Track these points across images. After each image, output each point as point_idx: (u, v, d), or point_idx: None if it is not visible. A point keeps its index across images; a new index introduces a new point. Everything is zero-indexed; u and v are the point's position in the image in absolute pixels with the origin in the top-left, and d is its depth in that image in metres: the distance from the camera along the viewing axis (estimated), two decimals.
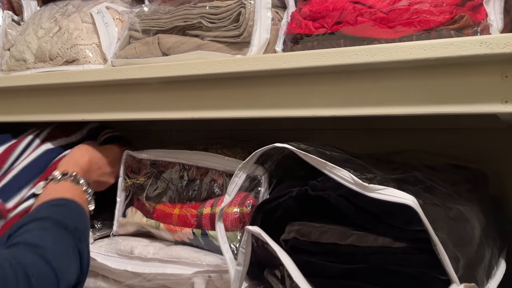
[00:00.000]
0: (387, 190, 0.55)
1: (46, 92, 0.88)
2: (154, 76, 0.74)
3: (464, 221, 0.60)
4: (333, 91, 0.64)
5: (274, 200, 0.65)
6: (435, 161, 0.79)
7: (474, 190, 0.73)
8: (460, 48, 0.54)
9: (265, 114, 0.69)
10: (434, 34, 0.59)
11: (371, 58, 0.58)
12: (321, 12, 0.68)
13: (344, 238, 0.59)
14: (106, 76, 0.79)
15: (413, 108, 0.59)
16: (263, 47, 0.73)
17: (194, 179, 0.83)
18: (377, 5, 0.63)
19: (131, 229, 0.89)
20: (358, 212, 0.58)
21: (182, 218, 0.81)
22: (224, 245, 0.68)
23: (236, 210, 0.74)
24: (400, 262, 0.55)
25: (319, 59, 0.62)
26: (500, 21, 0.61)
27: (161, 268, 0.77)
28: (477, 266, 0.59)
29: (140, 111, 0.79)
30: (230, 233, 0.73)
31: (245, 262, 0.64)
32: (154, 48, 0.79)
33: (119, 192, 0.92)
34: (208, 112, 0.73)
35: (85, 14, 0.91)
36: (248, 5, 0.72)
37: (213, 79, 0.72)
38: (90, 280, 0.85)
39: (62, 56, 0.89)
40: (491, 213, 0.72)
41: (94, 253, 0.83)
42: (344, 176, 0.57)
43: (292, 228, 0.63)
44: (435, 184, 0.66)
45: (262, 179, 0.73)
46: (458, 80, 0.56)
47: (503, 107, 0.54)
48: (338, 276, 0.58)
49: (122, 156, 0.91)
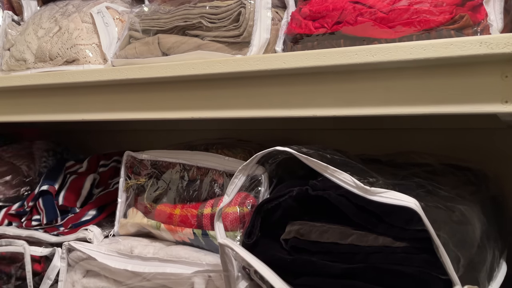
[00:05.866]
0: (389, 193, 0.55)
1: (46, 92, 0.88)
2: (154, 76, 0.74)
3: (465, 223, 0.60)
4: (333, 91, 0.64)
5: (274, 200, 0.65)
6: (435, 162, 0.79)
7: (475, 191, 0.73)
8: (460, 48, 0.54)
9: (265, 114, 0.69)
10: (434, 34, 0.59)
11: (371, 58, 0.58)
12: (321, 12, 0.68)
13: (344, 238, 0.59)
14: (106, 76, 0.79)
15: (413, 108, 0.59)
16: (263, 47, 0.73)
17: (194, 179, 0.83)
18: (377, 5, 0.63)
19: (132, 230, 0.89)
20: (359, 212, 0.58)
21: (183, 219, 0.81)
22: None
23: (236, 210, 0.74)
24: (401, 261, 0.55)
25: (319, 59, 0.62)
26: (500, 21, 0.61)
27: (161, 267, 0.77)
28: (479, 269, 0.59)
29: (140, 111, 0.79)
30: (230, 233, 0.73)
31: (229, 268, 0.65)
32: (154, 48, 0.79)
33: (120, 193, 0.92)
34: (208, 112, 0.73)
35: (85, 14, 0.91)
36: (248, 5, 0.72)
37: (213, 79, 0.72)
38: (90, 280, 0.85)
39: (62, 56, 0.89)
40: (492, 214, 0.72)
41: (94, 252, 0.83)
42: (346, 180, 0.58)
43: (292, 228, 0.63)
44: (436, 187, 0.66)
45: (262, 178, 0.73)
46: (458, 80, 0.56)
47: (503, 107, 0.54)
48: (339, 275, 0.58)
49: (123, 157, 0.91)
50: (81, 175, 1.01)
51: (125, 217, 0.91)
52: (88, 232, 0.89)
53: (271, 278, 0.60)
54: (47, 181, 1.00)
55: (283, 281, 0.60)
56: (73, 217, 0.95)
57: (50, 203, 0.96)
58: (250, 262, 0.61)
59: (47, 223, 0.94)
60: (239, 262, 0.65)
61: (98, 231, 0.89)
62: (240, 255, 0.62)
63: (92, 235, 0.88)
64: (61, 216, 0.95)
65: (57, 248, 0.88)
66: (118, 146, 1.11)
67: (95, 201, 0.98)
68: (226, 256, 0.65)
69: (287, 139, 0.86)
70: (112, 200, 0.96)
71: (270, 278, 0.60)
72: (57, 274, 0.87)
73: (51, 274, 0.87)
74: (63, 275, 0.87)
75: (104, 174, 1.03)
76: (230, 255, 0.65)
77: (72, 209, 0.97)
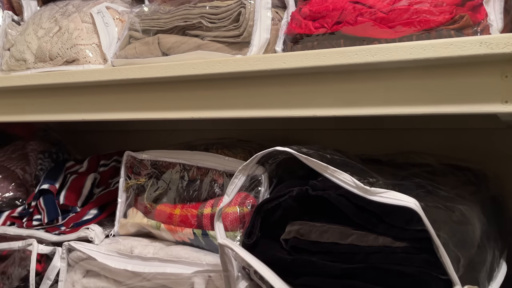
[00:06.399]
0: (389, 193, 0.55)
1: (46, 92, 0.88)
2: (154, 76, 0.74)
3: (465, 223, 0.60)
4: (333, 91, 0.64)
5: (274, 200, 0.65)
6: (435, 162, 0.79)
7: (475, 191, 0.73)
8: (460, 48, 0.54)
9: (265, 114, 0.69)
10: (434, 34, 0.59)
11: (371, 58, 0.58)
12: (321, 12, 0.68)
13: (344, 238, 0.59)
14: (106, 76, 0.79)
15: (413, 108, 0.59)
16: (263, 47, 0.73)
17: (194, 179, 0.83)
18: (377, 5, 0.63)
19: (132, 230, 0.89)
20: (359, 212, 0.58)
21: (183, 219, 0.81)
22: None
23: (236, 210, 0.74)
24: (401, 261, 0.55)
25: (319, 59, 0.62)
26: (500, 21, 0.61)
27: (161, 267, 0.77)
28: (479, 269, 0.59)
29: (140, 111, 0.79)
30: (230, 233, 0.73)
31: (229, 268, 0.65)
32: (154, 48, 0.79)
33: (120, 193, 0.92)
34: (208, 112, 0.73)
35: (85, 14, 0.91)
36: (248, 5, 0.72)
37: (213, 79, 0.72)
38: (90, 280, 0.85)
39: (62, 56, 0.89)
40: (492, 214, 0.72)
41: (94, 252, 0.83)
42: (346, 180, 0.58)
43: (292, 228, 0.63)
44: (436, 187, 0.66)
45: (262, 178, 0.73)
46: (458, 80, 0.56)
47: (503, 107, 0.54)
48: (339, 275, 0.58)
49: (123, 157, 0.91)
50: (81, 175, 1.01)
51: (125, 217, 0.91)
52: (89, 231, 0.88)
53: (270, 278, 0.60)
54: (47, 181, 0.99)
55: (282, 281, 0.60)
56: (74, 216, 0.95)
57: (51, 202, 0.96)
58: (250, 262, 0.61)
59: (48, 222, 0.94)
60: (239, 262, 0.65)
61: (99, 230, 0.89)
62: (240, 255, 0.62)
63: (93, 234, 0.88)
64: (61, 216, 0.95)
65: (58, 248, 0.88)
66: (118, 146, 1.11)
67: (96, 200, 0.98)
68: (225, 256, 0.65)
69: (287, 139, 0.86)
70: (113, 199, 0.95)
71: (269, 278, 0.60)
72: (57, 274, 0.87)
73: (51, 274, 0.87)
74: (63, 275, 0.87)
75: (104, 173, 1.03)
76: (230, 255, 0.65)
77: (73, 209, 0.97)
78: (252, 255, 0.62)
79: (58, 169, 1.04)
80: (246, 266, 0.64)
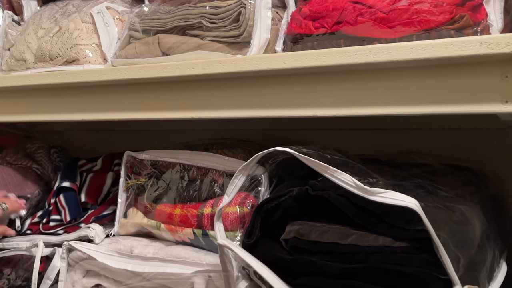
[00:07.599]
0: (389, 193, 0.55)
1: (46, 92, 0.88)
2: (154, 76, 0.74)
3: (465, 223, 0.60)
4: (333, 91, 0.64)
5: (275, 200, 0.65)
6: (435, 163, 0.79)
7: (475, 191, 0.73)
8: (460, 48, 0.54)
9: (266, 114, 0.69)
10: (434, 34, 0.59)
11: (371, 58, 0.58)
12: (321, 12, 0.68)
13: (344, 238, 0.59)
14: (106, 76, 0.79)
15: (413, 108, 0.59)
16: (263, 47, 0.73)
17: (194, 179, 0.83)
18: (377, 5, 0.63)
19: (132, 230, 0.89)
20: (359, 212, 0.58)
21: (183, 218, 0.81)
22: None
23: (236, 210, 0.74)
24: (401, 261, 0.55)
25: (319, 59, 0.62)
26: (500, 21, 0.61)
27: (161, 267, 0.77)
28: (479, 269, 0.59)
29: (140, 111, 0.79)
30: (230, 233, 0.73)
31: (229, 268, 0.65)
32: (154, 48, 0.79)
33: (120, 193, 0.92)
34: (208, 112, 0.73)
35: (85, 14, 0.91)
36: (248, 5, 0.72)
37: (213, 79, 0.72)
38: (90, 280, 0.85)
39: (62, 56, 0.89)
40: (492, 214, 0.72)
41: (94, 252, 0.83)
42: (346, 180, 0.58)
43: (292, 228, 0.63)
44: (436, 187, 0.66)
45: (262, 178, 0.73)
46: (458, 80, 0.56)
47: (503, 107, 0.54)
48: (339, 275, 0.58)
49: (123, 157, 0.91)
50: (98, 173, 1.02)
51: (125, 217, 0.91)
52: (90, 230, 0.88)
53: (270, 278, 0.60)
54: (66, 179, 0.99)
55: (282, 281, 0.60)
56: (95, 212, 0.96)
57: (74, 200, 0.95)
58: (249, 262, 0.61)
59: (70, 220, 0.93)
60: (238, 263, 0.65)
61: (100, 229, 0.89)
62: (239, 256, 0.62)
63: (94, 233, 0.88)
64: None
65: (58, 248, 0.88)
66: (118, 146, 1.10)
67: (114, 197, 0.98)
68: (225, 257, 0.65)
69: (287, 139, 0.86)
70: None
71: (269, 278, 0.60)
72: (57, 274, 0.87)
73: (51, 274, 0.87)
74: (63, 275, 0.87)
75: (119, 172, 1.03)
76: (230, 256, 0.65)
77: (93, 206, 0.97)
78: (251, 255, 0.62)
79: (72, 167, 1.03)
80: (245, 266, 0.64)
